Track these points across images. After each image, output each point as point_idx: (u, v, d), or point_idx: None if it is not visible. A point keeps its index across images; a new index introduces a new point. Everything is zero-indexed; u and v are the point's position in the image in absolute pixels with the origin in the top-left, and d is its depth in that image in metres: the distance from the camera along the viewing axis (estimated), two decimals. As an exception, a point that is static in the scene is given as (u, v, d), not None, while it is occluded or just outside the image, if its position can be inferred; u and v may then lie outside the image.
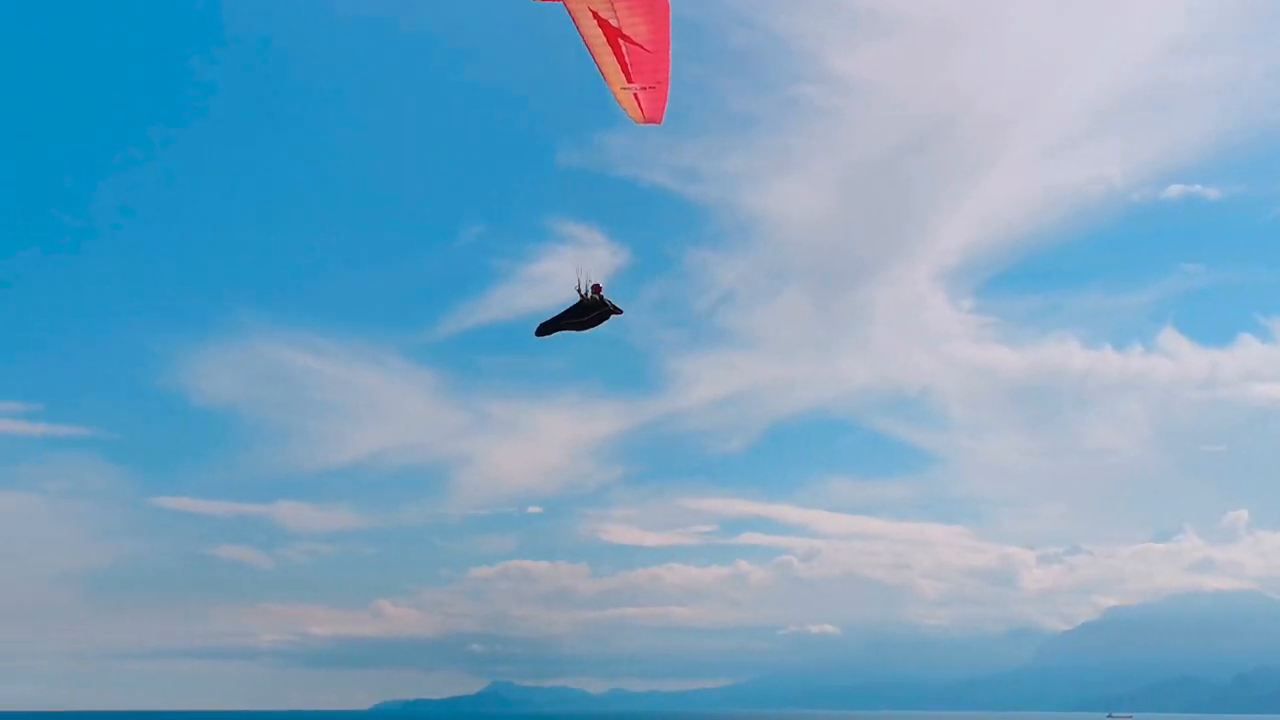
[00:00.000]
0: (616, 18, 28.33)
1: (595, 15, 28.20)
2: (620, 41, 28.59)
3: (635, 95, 29.34)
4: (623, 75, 29.06)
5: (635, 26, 28.49)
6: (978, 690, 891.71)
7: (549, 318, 27.16)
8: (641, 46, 28.59)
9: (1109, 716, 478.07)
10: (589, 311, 26.91)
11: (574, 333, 27.23)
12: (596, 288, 27.08)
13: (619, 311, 27.10)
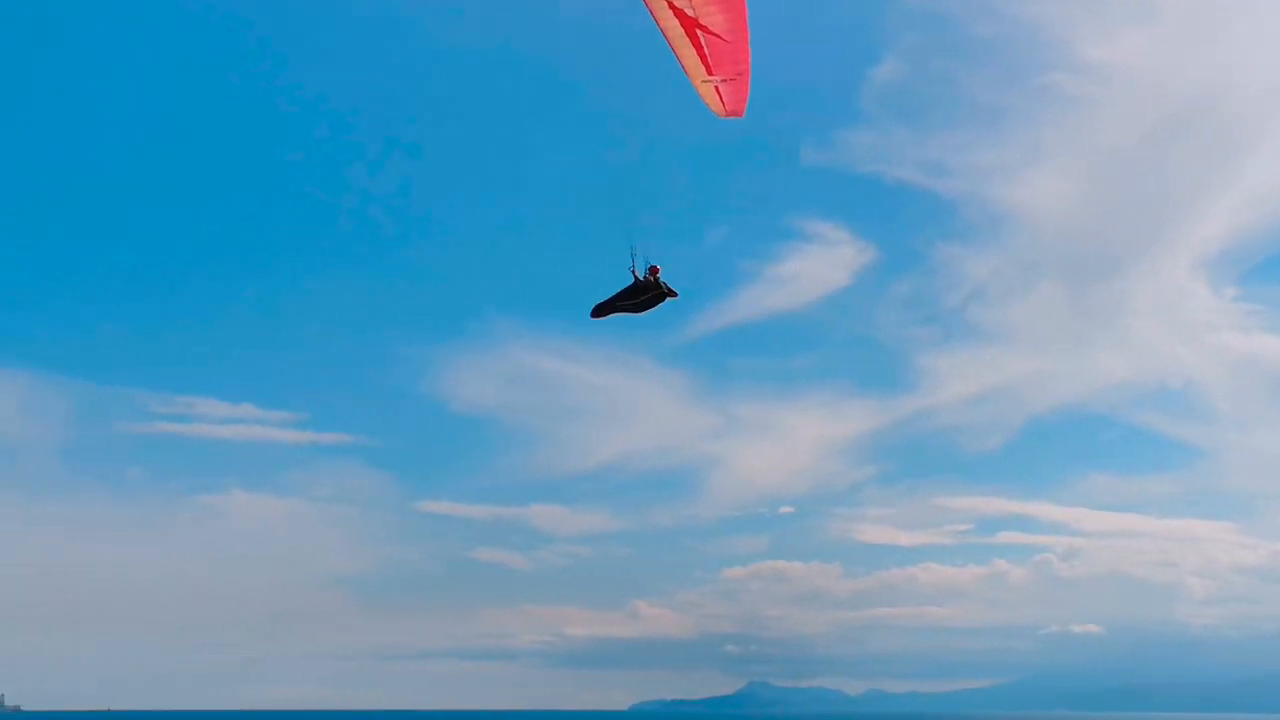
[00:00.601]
0: (693, 7, 27.01)
1: (671, 5, 26.95)
2: (698, 32, 27.31)
3: (716, 88, 28.03)
4: (703, 68, 27.76)
5: (712, 16, 27.14)
6: (1254, 690, 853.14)
7: (603, 299, 26.57)
8: (720, 37, 27.27)
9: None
10: (644, 293, 26.13)
11: (631, 315, 26.57)
12: (654, 270, 26.20)
13: (674, 294, 26.30)
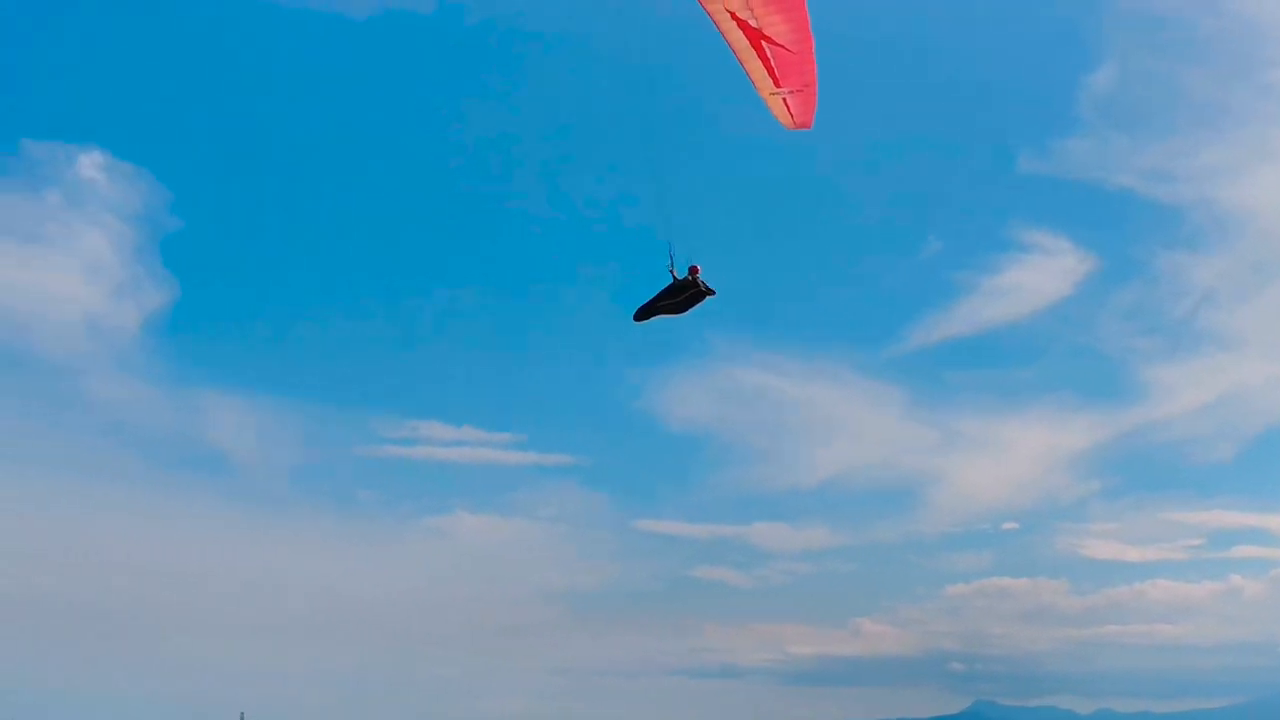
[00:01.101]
0: (755, 17, 26.23)
1: (734, 16, 26.22)
2: (763, 44, 26.52)
3: (784, 100, 27.20)
4: (770, 80, 26.99)
5: (775, 25, 26.35)
6: None
7: (644, 301, 26.59)
8: (785, 48, 26.43)
9: None
10: (683, 292, 26.02)
11: (671, 315, 26.48)
12: (694, 269, 26.15)
13: (712, 293, 26.45)
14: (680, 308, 26.29)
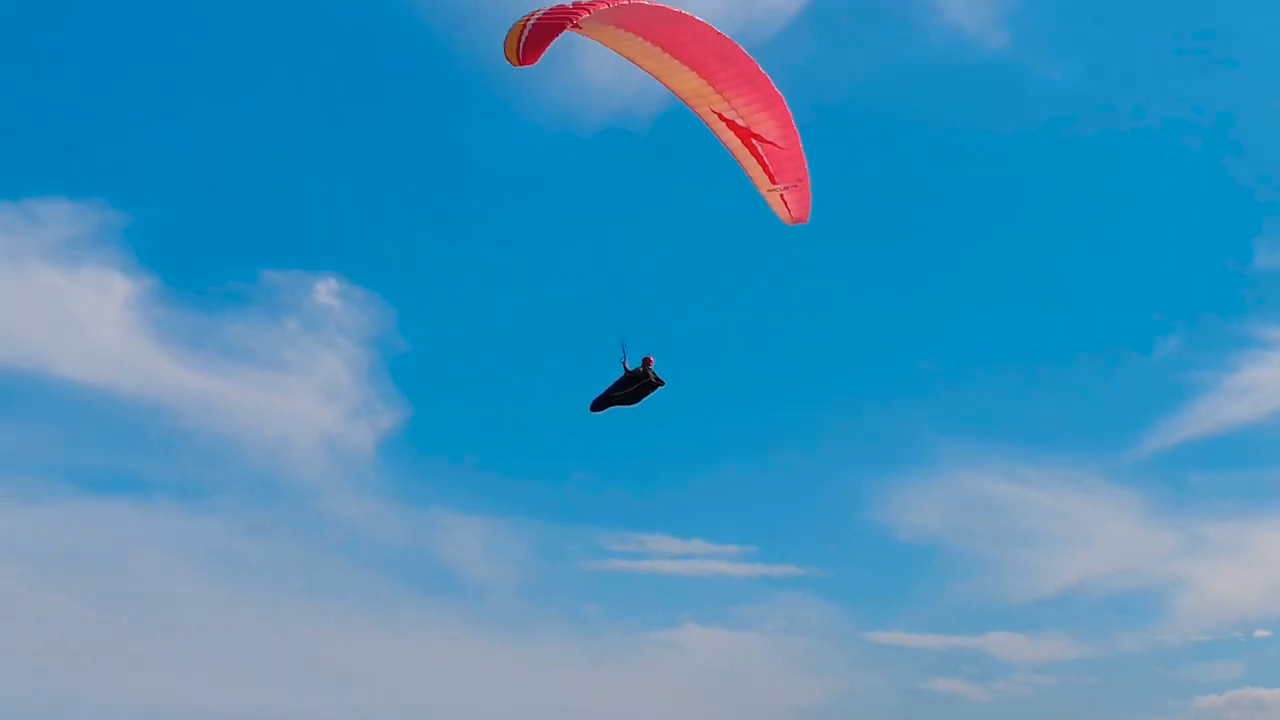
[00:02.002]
0: (741, 117, 25.94)
1: (722, 118, 25.96)
2: (754, 142, 26.05)
3: (782, 196, 26.69)
4: (767, 177, 26.48)
5: (762, 123, 25.89)
6: None
7: (599, 394, 26.65)
8: (775, 144, 25.87)
9: None
10: (635, 383, 25.87)
11: (625, 407, 26.42)
12: (647, 360, 26.01)
13: (661, 383, 26.05)
14: (632, 399, 26.25)
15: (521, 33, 22.31)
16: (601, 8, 22.91)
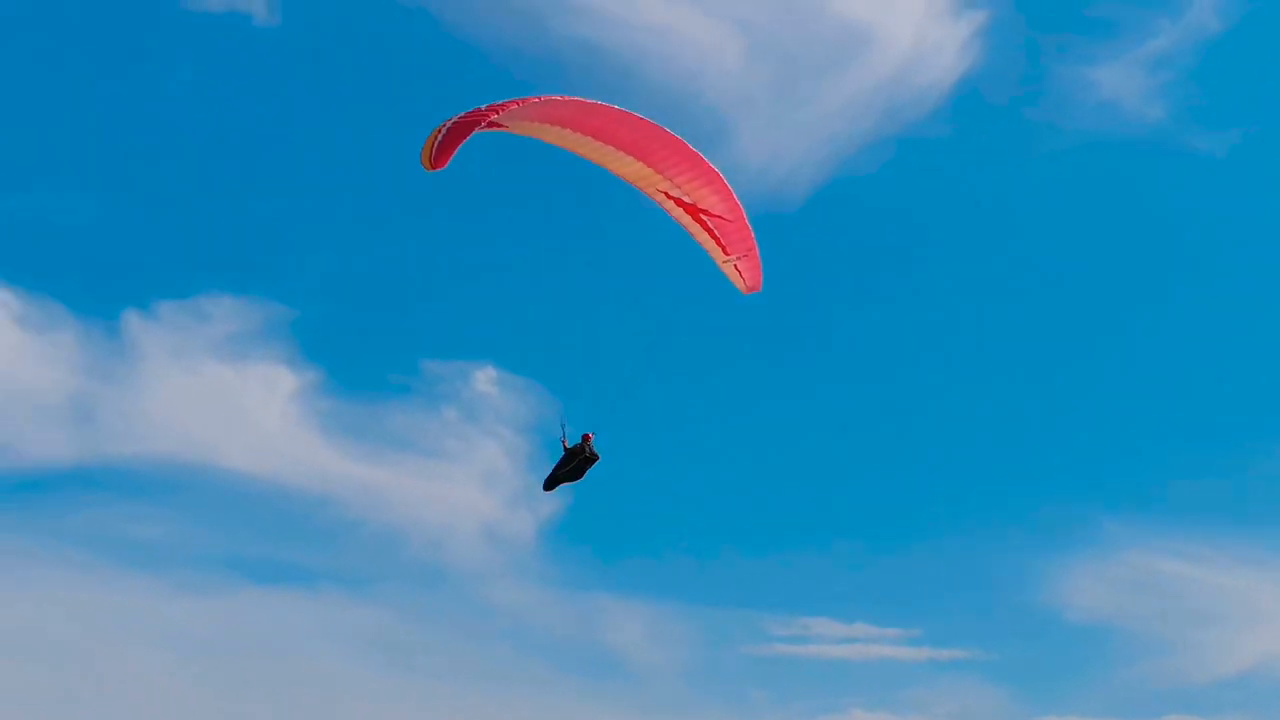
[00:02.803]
0: (686, 194, 27.40)
1: (668, 195, 27.46)
2: (703, 217, 27.34)
3: (735, 266, 27.95)
4: (720, 250, 27.82)
5: (706, 199, 27.18)
6: None
7: (549, 474, 28.14)
8: (722, 217, 27.14)
9: None
10: (574, 459, 27.28)
11: (571, 483, 27.75)
12: (586, 436, 27.41)
13: (597, 457, 27.35)
14: (575, 474, 27.40)
15: (436, 136, 24.24)
16: (514, 107, 24.73)
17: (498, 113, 24.61)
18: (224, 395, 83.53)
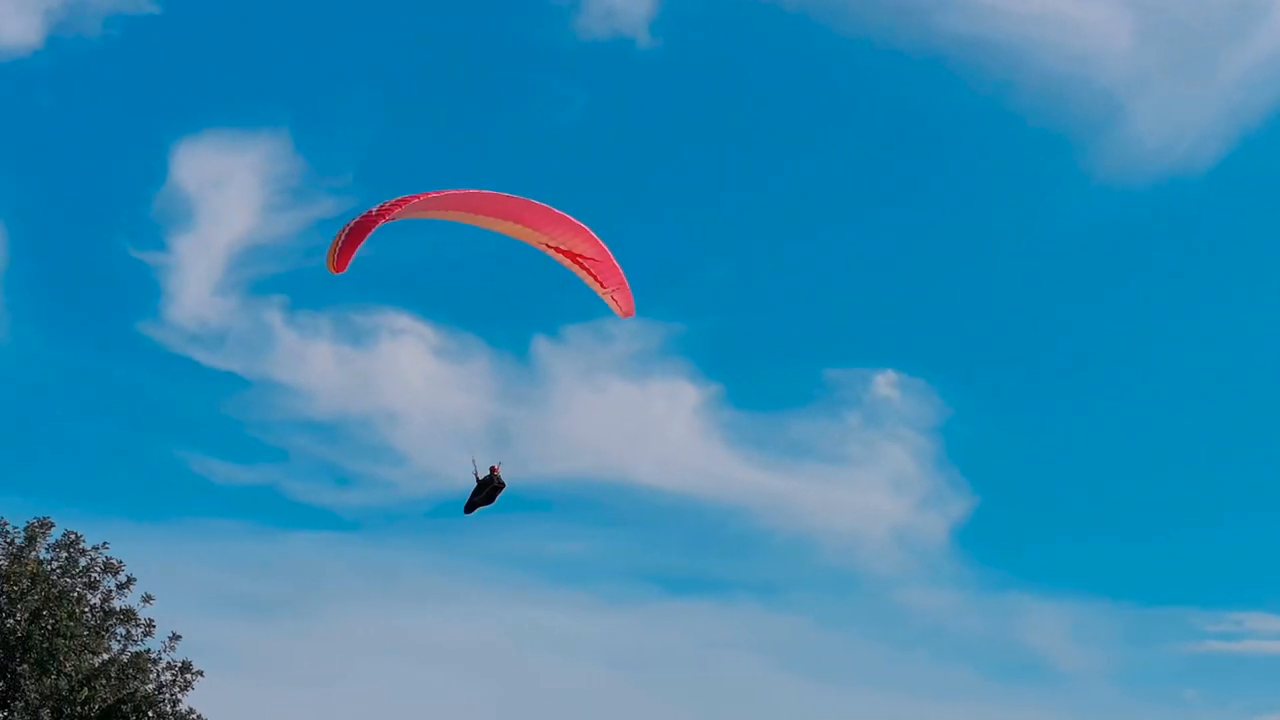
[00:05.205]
0: (562, 244, 32.82)
1: (547, 246, 32.86)
2: (579, 260, 32.76)
3: (612, 296, 33.26)
4: (598, 284, 33.25)
5: (578, 246, 32.47)
6: None
7: (466, 500, 31.71)
8: (594, 259, 32.54)
9: None
10: (484, 489, 31.31)
11: (486, 507, 31.58)
12: (494, 468, 31.26)
13: (504, 486, 31.22)
14: (489, 500, 32.10)
15: (336, 243, 29.73)
16: (397, 211, 30.20)
17: (385, 217, 30.10)
18: (631, 413, 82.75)
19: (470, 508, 32.68)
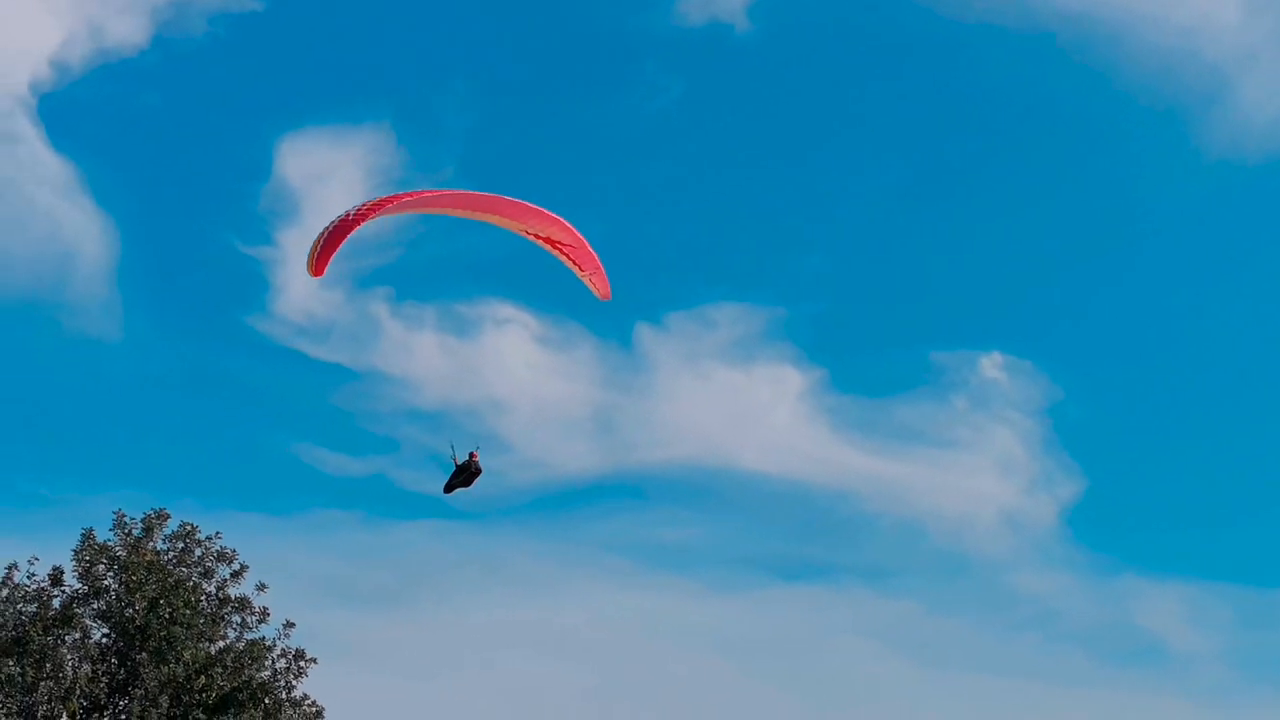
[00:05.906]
0: (540, 232, 35.01)
1: (527, 233, 35.02)
2: (558, 247, 34.86)
3: (590, 280, 35.23)
4: (577, 268, 35.29)
5: (556, 234, 34.50)
6: None
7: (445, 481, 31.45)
8: (572, 246, 34.48)
9: None
10: (465, 471, 32.86)
11: (465, 489, 33.05)
12: (473, 454, 32.88)
13: (481, 471, 32.67)
14: (468, 483, 33.76)
15: (315, 247, 32.17)
16: (375, 215, 32.79)
17: (362, 220, 32.67)
18: (735, 398, 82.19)
19: (449, 488, 34.81)
